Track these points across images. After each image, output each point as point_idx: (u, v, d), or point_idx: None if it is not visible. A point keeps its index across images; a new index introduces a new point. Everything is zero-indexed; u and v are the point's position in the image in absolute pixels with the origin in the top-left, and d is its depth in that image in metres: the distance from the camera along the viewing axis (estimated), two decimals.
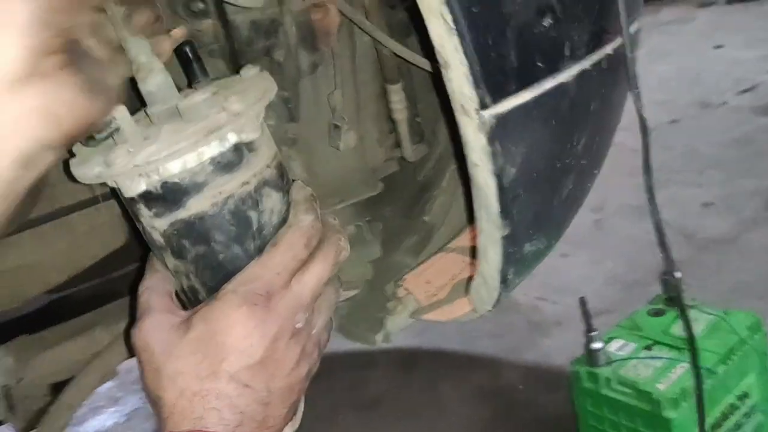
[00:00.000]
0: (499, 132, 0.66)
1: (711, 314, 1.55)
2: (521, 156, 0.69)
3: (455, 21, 0.60)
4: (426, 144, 1.36)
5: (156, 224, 0.70)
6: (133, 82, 0.75)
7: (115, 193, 0.74)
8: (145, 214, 0.70)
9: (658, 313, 1.60)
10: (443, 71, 0.65)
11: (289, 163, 1.22)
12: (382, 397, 2.09)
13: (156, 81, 0.72)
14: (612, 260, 2.62)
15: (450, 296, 1.08)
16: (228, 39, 1.05)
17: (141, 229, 0.73)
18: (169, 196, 0.69)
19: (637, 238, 2.69)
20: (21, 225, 1.19)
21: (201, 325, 0.67)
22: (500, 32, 0.64)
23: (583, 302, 1.50)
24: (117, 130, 0.68)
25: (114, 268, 1.40)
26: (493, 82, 0.65)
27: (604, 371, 1.46)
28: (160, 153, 0.66)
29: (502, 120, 0.66)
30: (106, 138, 0.68)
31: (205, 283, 0.73)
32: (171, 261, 0.72)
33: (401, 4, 1.12)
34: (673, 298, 1.59)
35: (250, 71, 0.76)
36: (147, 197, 0.68)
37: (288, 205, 0.79)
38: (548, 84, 0.69)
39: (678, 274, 1.54)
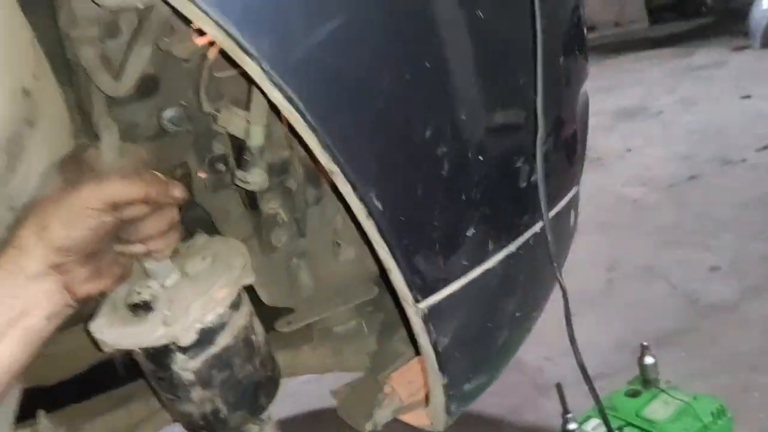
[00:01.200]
0: (432, 316, 0.86)
1: (679, 399, 1.68)
2: (453, 329, 0.88)
3: (391, 250, 0.80)
4: None
5: (189, 365, 0.92)
6: None
7: (130, 357, 0.97)
8: (180, 360, 0.91)
9: (634, 395, 1.74)
10: (387, 273, 0.85)
11: (298, 271, 1.43)
12: None
13: (153, 262, 0.95)
14: (620, 323, 2.71)
15: (425, 399, 1.27)
16: None
17: (165, 375, 0.94)
18: (204, 339, 0.91)
19: (647, 301, 2.77)
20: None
21: None
22: (430, 250, 0.83)
23: (559, 388, 1.66)
24: (157, 299, 0.91)
25: None
26: (422, 283, 0.84)
27: None
28: (204, 307, 0.89)
29: (433, 309, 0.86)
30: (146, 309, 0.91)
31: (227, 400, 0.95)
32: (198, 393, 0.94)
33: None
34: (648, 381, 1.74)
35: (200, 239, 1.01)
36: (184, 347, 0.91)
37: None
38: (474, 273, 0.89)
39: (650, 360, 1.70)
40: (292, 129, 0.79)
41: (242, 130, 1.10)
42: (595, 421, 1.67)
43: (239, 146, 1.21)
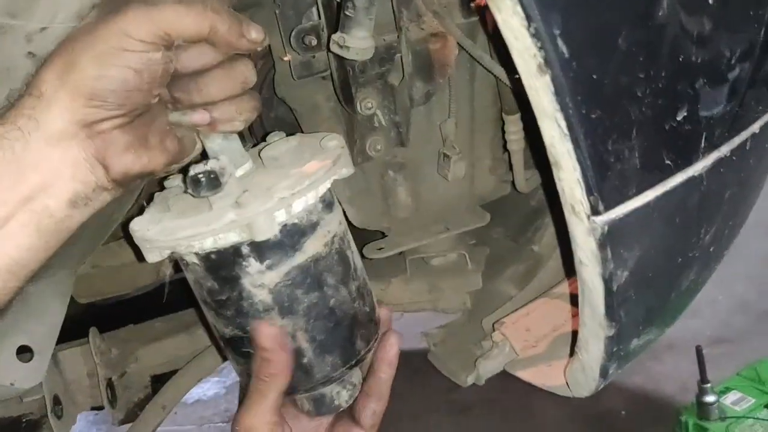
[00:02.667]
0: (612, 238, 0.59)
1: None
2: (635, 259, 0.62)
3: (569, 127, 0.54)
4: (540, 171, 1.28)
5: (266, 279, 0.67)
6: None
7: (177, 267, 0.72)
8: (254, 271, 0.67)
9: None
10: (553, 169, 0.59)
11: (395, 186, 1.19)
12: (475, 403, 2.05)
13: (220, 140, 0.70)
14: (742, 284, 2.42)
15: (548, 351, 1.02)
16: (340, 64, 1.01)
17: (231, 297, 0.70)
18: (287, 240, 0.66)
19: None
20: None
21: None
22: (622, 135, 0.57)
23: (699, 352, 1.39)
24: (230, 175, 0.66)
25: None
26: (608, 189, 0.58)
27: (715, 427, 1.35)
28: (293, 188, 0.64)
29: (615, 226, 0.59)
30: (212, 184, 0.66)
31: (314, 337, 0.70)
32: (276, 323, 0.70)
33: None
34: None
35: (277, 135, 0.75)
36: (262, 246, 0.66)
37: None
38: (675, 180, 0.61)
39: None
40: None
41: None
42: (736, 394, 1.40)
43: (331, 15, 0.96)
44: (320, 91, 1.10)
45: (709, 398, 1.36)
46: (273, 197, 0.64)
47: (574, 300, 1.10)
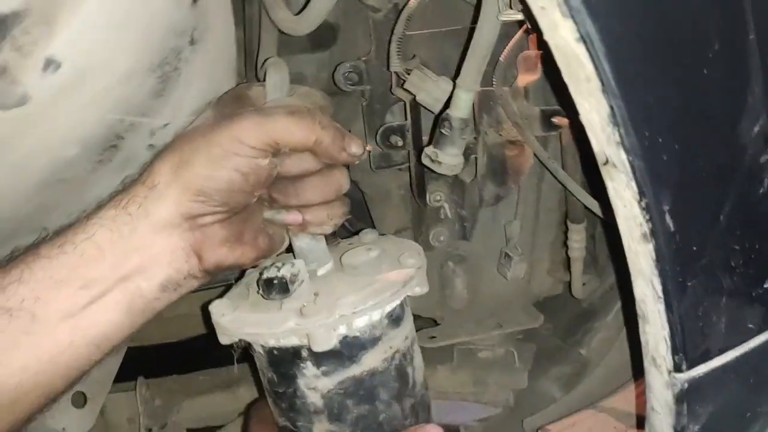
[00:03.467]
0: (690, 394, 0.61)
1: None
2: (708, 415, 0.63)
3: (665, 291, 0.56)
4: (597, 274, 1.29)
5: (319, 384, 0.69)
6: None
7: (247, 353, 0.75)
8: (310, 373, 0.69)
9: None
10: (639, 320, 0.61)
11: (453, 278, 1.21)
12: None
13: (307, 240, 0.74)
14: None
15: None
16: (419, 161, 1.05)
17: (287, 392, 0.72)
18: (346, 351, 0.69)
19: None
20: None
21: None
22: (712, 302, 0.59)
23: None
24: (300, 282, 0.69)
25: None
26: (692, 349, 0.59)
27: None
28: (355, 306, 0.67)
29: (695, 384, 0.61)
30: (282, 290, 0.69)
31: None
32: (322, 427, 0.71)
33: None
34: None
35: (369, 234, 0.81)
36: (321, 354, 0.68)
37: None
38: (755, 342, 0.63)
39: None
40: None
41: (436, 96, 0.89)
42: None
43: (417, 119, 1.01)
44: (393, 180, 1.14)
45: None
46: (335, 313, 0.66)
47: (620, 416, 1.09)
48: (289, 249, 0.78)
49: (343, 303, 0.68)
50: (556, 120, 0.96)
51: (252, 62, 1.01)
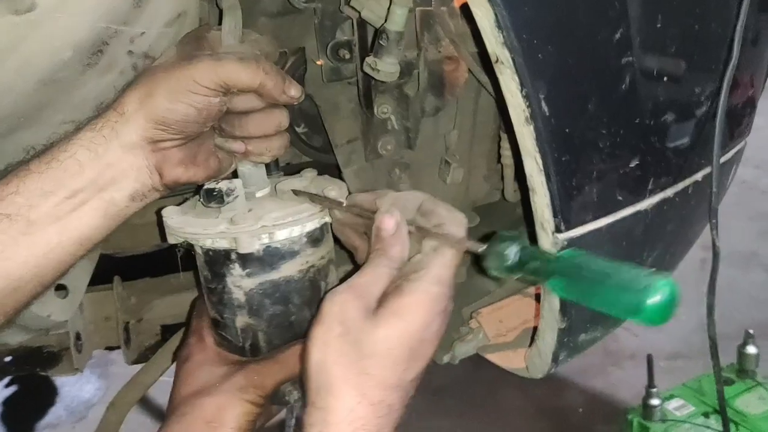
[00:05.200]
0: None
1: None
2: None
3: (545, 164, 0.70)
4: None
5: (243, 283, 0.83)
6: None
7: (188, 253, 0.89)
8: (236, 273, 0.83)
9: (726, 382, 1.63)
10: (530, 192, 0.75)
11: (399, 183, 1.34)
12: (446, 387, 2.22)
13: (249, 166, 0.87)
14: (705, 307, 2.57)
15: (516, 341, 1.18)
16: (366, 75, 1.16)
17: (217, 287, 0.85)
18: (267, 258, 0.83)
19: (739, 290, 2.64)
20: None
21: (396, 322, 0.67)
22: (584, 175, 0.73)
23: (650, 360, 1.56)
24: (235, 197, 0.83)
25: None
26: (570, 213, 0.74)
27: (656, 427, 1.52)
28: (276, 220, 0.81)
29: (572, 243, 0.75)
30: (218, 199, 0.83)
31: (270, 341, 0.86)
32: (243, 319, 0.85)
33: None
34: (745, 371, 1.61)
35: (308, 173, 0.92)
36: (246, 258, 0.83)
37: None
38: (624, 212, 0.78)
39: (753, 349, 1.57)
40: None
41: (378, 14, 1.00)
42: (678, 401, 1.57)
43: (363, 35, 1.11)
44: (343, 93, 1.24)
45: (654, 401, 1.53)
46: (259, 224, 0.80)
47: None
48: (236, 173, 0.91)
49: (268, 217, 0.82)
50: None
51: None
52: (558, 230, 0.75)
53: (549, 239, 0.76)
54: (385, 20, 0.96)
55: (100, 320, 1.49)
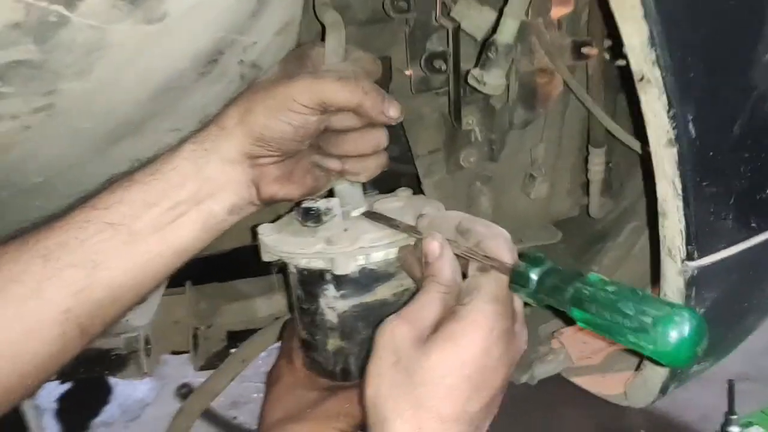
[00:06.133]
0: (699, 280, 0.72)
1: None
2: (711, 300, 0.75)
3: (684, 189, 0.67)
4: (612, 197, 1.39)
5: (337, 305, 0.81)
6: None
7: (283, 270, 0.87)
8: (330, 295, 0.81)
9: None
10: (660, 217, 0.71)
11: (479, 196, 1.31)
12: (503, 406, 2.17)
13: (346, 185, 0.86)
14: None
15: (602, 365, 1.14)
16: (456, 84, 1.14)
17: (309, 308, 0.83)
18: (362, 280, 0.81)
19: None
20: None
21: (448, 347, 0.63)
22: (724, 200, 0.69)
23: (731, 385, 1.50)
24: (333, 216, 0.82)
25: None
26: (704, 240, 0.70)
27: None
28: (373, 242, 0.79)
29: (703, 271, 0.72)
30: (316, 219, 0.82)
31: (362, 366, 0.82)
32: (335, 342, 0.83)
33: (622, 88, 1.16)
34: None
35: (403, 192, 0.92)
36: (341, 279, 0.81)
37: None
38: (757, 239, 0.74)
39: None
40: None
41: (478, 25, 0.97)
42: (759, 430, 1.51)
43: (458, 45, 1.09)
44: (428, 104, 1.22)
45: (734, 429, 1.47)
46: (356, 244, 0.78)
47: None
48: (332, 192, 0.90)
49: (365, 238, 0.80)
50: (585, 50, 1.05)
51: None
52: (690, 258, 0.71)
53: (676, 267, 0.73)
54: (494, 31, 0.93)
55: (169, 324, 1.49)
